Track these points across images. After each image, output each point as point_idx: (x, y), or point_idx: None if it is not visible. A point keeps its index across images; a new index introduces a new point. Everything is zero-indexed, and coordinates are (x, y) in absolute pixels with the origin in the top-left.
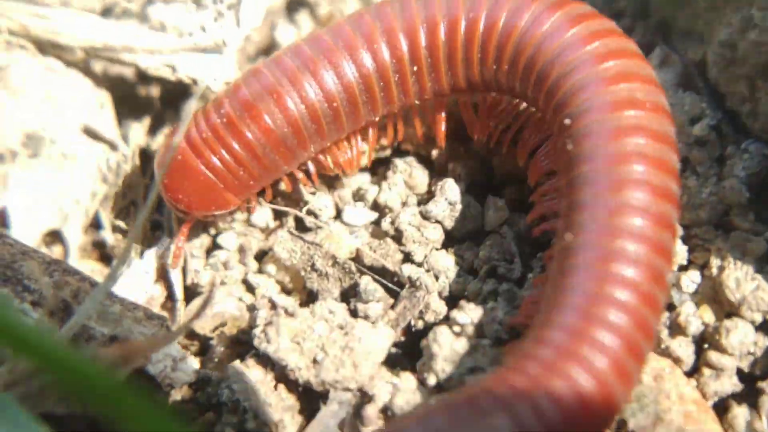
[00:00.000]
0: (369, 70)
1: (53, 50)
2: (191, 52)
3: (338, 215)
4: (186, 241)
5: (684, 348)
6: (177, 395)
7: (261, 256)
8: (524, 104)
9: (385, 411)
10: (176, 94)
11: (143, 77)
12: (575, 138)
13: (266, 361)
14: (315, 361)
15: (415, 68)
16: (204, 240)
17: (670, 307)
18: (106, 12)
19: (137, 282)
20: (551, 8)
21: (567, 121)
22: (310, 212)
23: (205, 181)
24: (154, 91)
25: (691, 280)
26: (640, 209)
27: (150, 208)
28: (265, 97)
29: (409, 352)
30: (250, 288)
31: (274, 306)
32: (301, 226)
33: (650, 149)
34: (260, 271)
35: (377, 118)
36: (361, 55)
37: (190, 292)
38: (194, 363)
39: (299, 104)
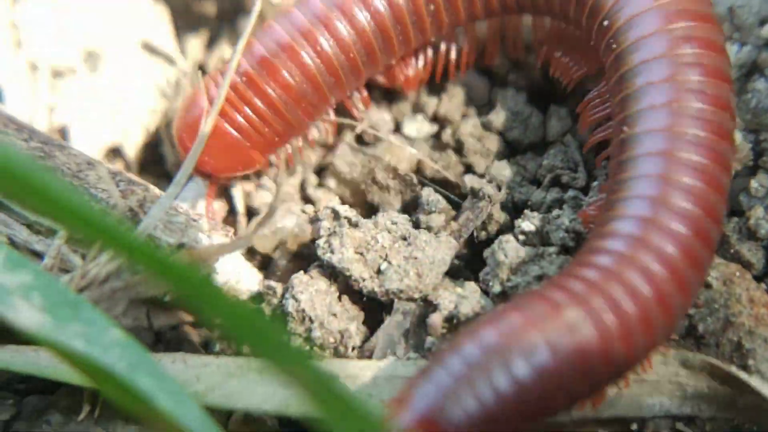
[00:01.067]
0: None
1: None
2: None
3: (397, 128)
4: (212, 203)
5: (754, 252)
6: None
7: (319, 171)
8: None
9: (450, 320)
10: (232, 9)
11: None
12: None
13: (330, 271)
14: (379, 272)
15: None
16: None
17: (740, 212)
18: None
19: (199, 197)
20: None
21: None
22: (369, 126)
23: (230, 141)
24: (210, 6)
25: (761, 184)
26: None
27: (209, 125)
28: (280, 53)
29: (471, 263)
30: (310, 203)
31: (337, 216)
32: (360, 141)
33: (706, 59)
34: (320, 185)
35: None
36: None
37: (249, 209)
38: (258, 275)
39: (315, 58)
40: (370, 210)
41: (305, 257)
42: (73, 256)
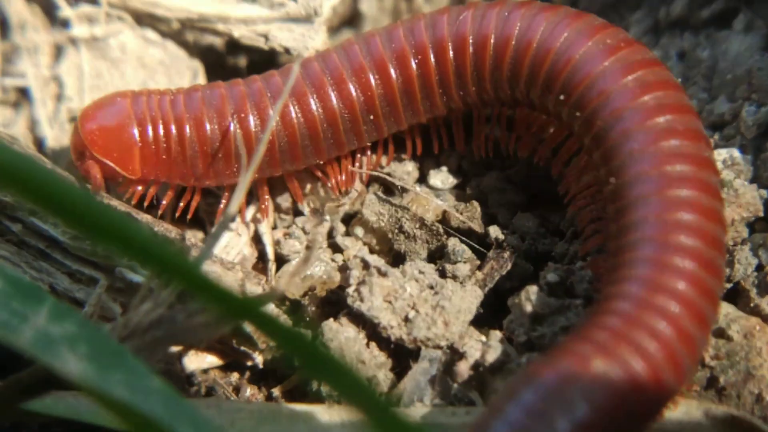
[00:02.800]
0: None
1: (150, 22)
2: (283, 22)
3: (423, 179)
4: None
5: None
6: (258, 357)
7: (347, 219)
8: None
9: (477, 368)
10: (263, 62)
11: (232, 46)
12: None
13: (359, 319)
14: (407, 320)
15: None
16: (287, 202)
17: (759, 266)
18: None
19: (231, 243)
20: (586, 32)
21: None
22: (396, 177)
23: (126, 139)
24: (242, 60)
25: None
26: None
27: (247, 180)
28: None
29: (495, 311)
30: (337, 251)
31: (366, 266)
32: (387, 191)
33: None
34: (347, 233)
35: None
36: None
37: (278, 256)
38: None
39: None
40: (396, 258)
41: (332, 303)
42: (113, 304)
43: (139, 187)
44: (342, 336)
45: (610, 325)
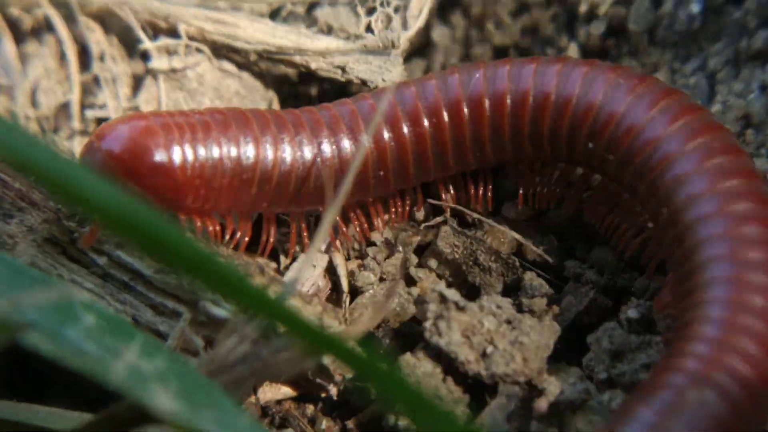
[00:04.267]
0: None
1: (227, 53)
2: (361, 54)
3: (497, 212)
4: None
5: None
6: (333, 389)
7: (419, 250)
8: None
9: (556, 405)
10: (336, 92)
11: (306, 76)
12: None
13: (436, 353)
14: (484, 355)
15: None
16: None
17: None
18: (274, 15)
19: (305, 274)
20: (654, 96)
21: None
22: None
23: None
24: (314, 90)
25: None
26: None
27: (334, 211)
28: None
29: (572, 347)
30: (411, 282)
31: (444, 300)
32: (463, 223)
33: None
34: (420, 265)
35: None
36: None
37: (352, 288)
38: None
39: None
40: (470, 290)
41: (405, 335)
42: (195, 338)
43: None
44: (419, 371)
45: (698, 353)
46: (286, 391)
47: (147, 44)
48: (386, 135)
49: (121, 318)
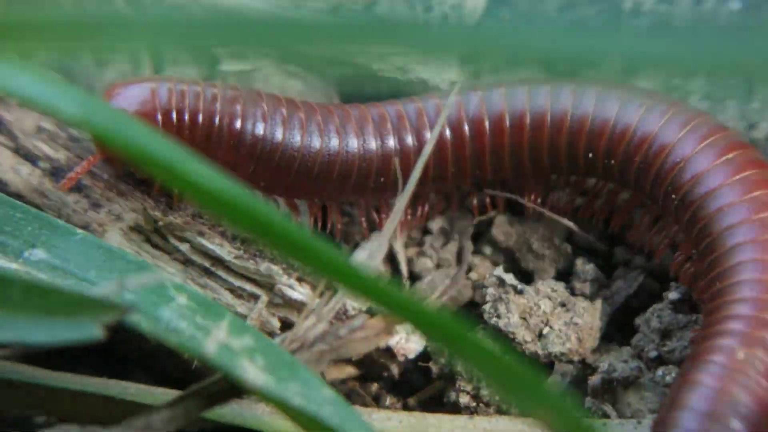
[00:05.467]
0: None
1: (292, 57)
2: (420, 55)
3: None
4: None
5: None
6: (395, 368)
7: (475, 238)
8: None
9: (610, 382)
10: (395, 91)
11: (364, 77)
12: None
13: (495, 334)
14: (541, 335)
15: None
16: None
17: None
18: (333, 11)
19: (367, 262)
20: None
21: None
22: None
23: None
24: (368, 90)
25: None
26: None
27: (404, 203)
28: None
29: (621, 328)
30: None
31: (502, 284)
32: (515, 212)
33: None
34: (476, 252)
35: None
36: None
37: (410, 274)
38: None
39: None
40: (524, 276)
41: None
42: (272, 319)
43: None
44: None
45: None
46: (350, 370)
47: (217, 49)
48: (467, 132)
49: (211, 299)
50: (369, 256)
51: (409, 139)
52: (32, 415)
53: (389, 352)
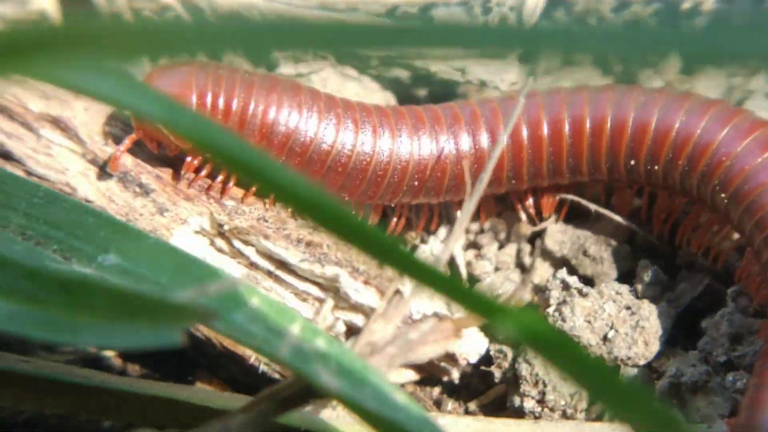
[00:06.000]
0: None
1: (349, 59)
2: (479, 57)
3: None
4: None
5: None
6: (455, 372)
7: (532, 239)
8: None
9: (677, 386)
10: (442, 93)
11: (419, 79)
12: None
13: None
14: (605, 339)
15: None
16: (474, 224)
17: None
18: (388, 16)
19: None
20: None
21: None
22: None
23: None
24: (422, 90)
25: None
26: None
27: (472, 207)
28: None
29: (685, 331)
30: (524, 271)
31: (566, 287)
32: (570, 215)
33: None
34: (533, 254)
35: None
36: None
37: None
38: (484, 338)
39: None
40: (584, 279)
41: None
42: (338, 322)
43: None
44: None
45: None
46: (410, 374)
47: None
48: (524, 135)
49: (280, 301)
50: (437, 254)
51: (467, 141)
52: (100, 419)
53: (450, 355)
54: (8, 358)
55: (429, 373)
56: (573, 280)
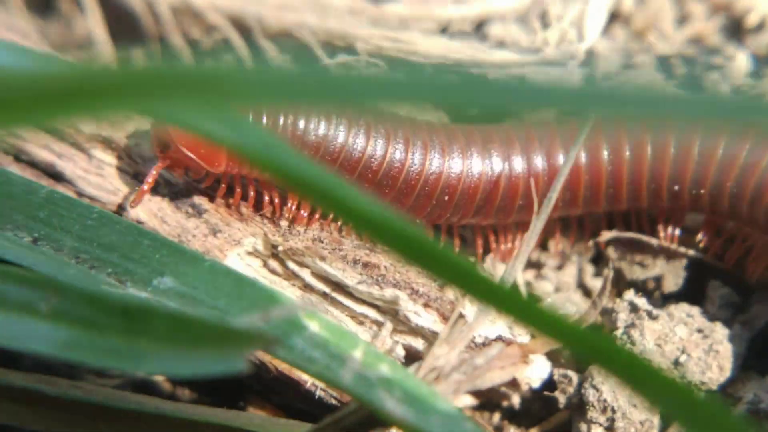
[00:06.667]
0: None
1: (402, 68)
2: (538, 66)
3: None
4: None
5: None
6: (516, 398)
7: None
8: None
9: (757, 413)
10: (507, 111)
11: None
12: None
13: None
14: (677, 363)
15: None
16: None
17: None
18: (442, 32)
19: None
20: None
21: None
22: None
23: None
24: (473, 110)
25: None
26: None
27: (539, 228)
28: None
29: (758, 355)
30: (585, 293)
31: (635, 309)
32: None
33: None
34: (597, 274)
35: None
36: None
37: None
38: (546, 362)
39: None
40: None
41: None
42: (397, 347)
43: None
44: (612, 379)
45: None
46: (468, 399)
47: (326, 62)
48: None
49: (341, 326)
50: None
51: (540, 162)
52: None
53: (512, 380)
54: (61, 384)
55: (488, 398)
56: (642, 302)
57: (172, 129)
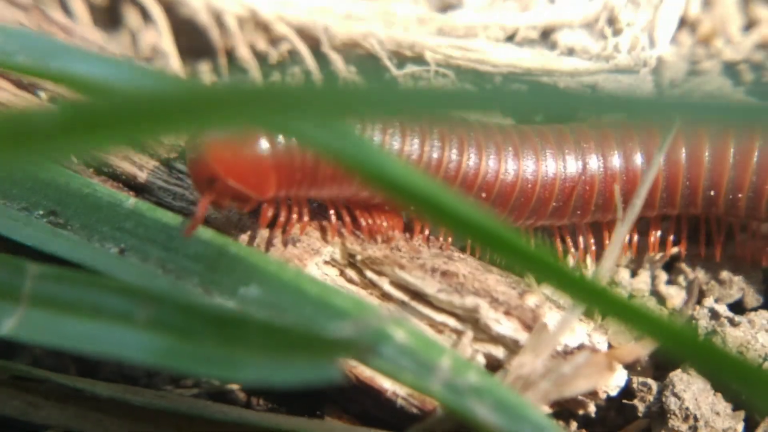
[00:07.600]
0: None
1: (470, 77)
2: (610, 73)
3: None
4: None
5: None
6: (592, 405)
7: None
8: None
9: None
10: (560, 114)
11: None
12: None
13: None
14: None
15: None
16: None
17: None
18: (509, 39)
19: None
20: None
21: None
22: None
23: (260, 158)
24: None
25: None
26: None
27: (623, 236)
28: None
29: None
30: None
31: (715, 316)
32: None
33: None
34: (670, 282)
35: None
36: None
37: None
38: (623, 370)
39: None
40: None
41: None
42: (478, 355)
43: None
44: (694, 387)
45: None
46: (543, 408)
47: (394, 72)
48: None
49: (427, 334)
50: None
51: (618, 163)
52: None
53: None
54: (145, 394)
55: (563, 407)
56: (723, 309)
57: (212, 161)
